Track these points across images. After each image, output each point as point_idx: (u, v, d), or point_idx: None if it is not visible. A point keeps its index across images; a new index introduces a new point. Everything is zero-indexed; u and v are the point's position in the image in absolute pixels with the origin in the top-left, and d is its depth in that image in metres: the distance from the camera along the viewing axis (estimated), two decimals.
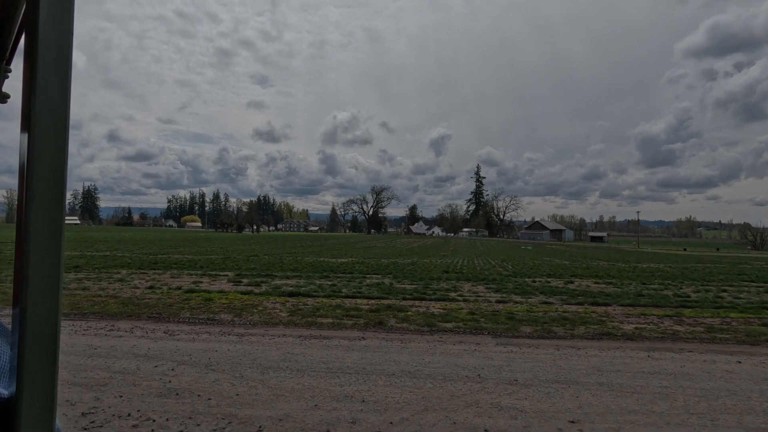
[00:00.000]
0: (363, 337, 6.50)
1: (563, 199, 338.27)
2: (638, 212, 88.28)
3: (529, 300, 11.00)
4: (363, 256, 28.08)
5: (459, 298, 10.94)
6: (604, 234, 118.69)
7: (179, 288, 11.29)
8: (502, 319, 8.24)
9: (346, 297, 10.63)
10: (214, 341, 6.04)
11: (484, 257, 30.79)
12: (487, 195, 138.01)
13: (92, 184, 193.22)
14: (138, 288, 11.22)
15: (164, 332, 6.51)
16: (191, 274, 14.70)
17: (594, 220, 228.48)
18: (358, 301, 10.16)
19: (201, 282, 12.77)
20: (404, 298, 10.63)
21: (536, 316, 8.64)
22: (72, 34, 0.35)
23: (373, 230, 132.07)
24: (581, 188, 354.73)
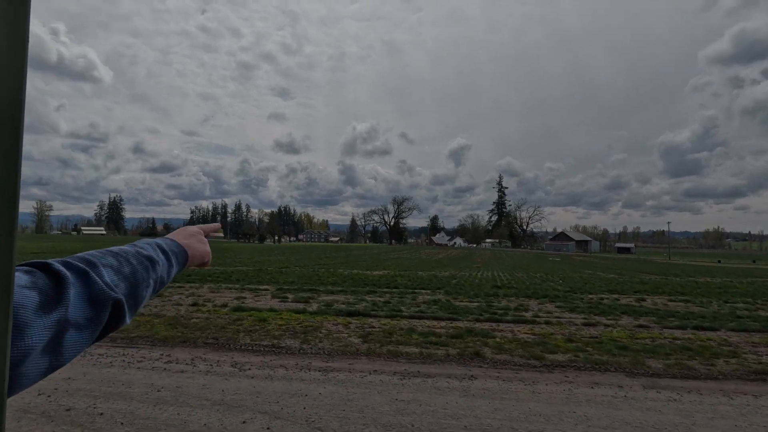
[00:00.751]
0: (472, 375, 5.31)
1: (585, 210, 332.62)
2: (669, 223, 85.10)
3: (619, 322, 9.66)
4: (396, 268, 26.91)
5: (537, 319, 9.66)
6: (631, 245, 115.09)
7: (225, 305, 10.29)
8: (613, 349, 6.96)
9: (411, 317, 9.47)
10: (296, 379, 4.94)
11: (520, 270, 29.27)
12: (510, 205, 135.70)
13: (118, 195, 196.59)
14: (181, 305, 10.25)
15: (231, 365, 5.43)
16: (230, 288, 13.74)
17: (618, 231, 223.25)
18: (427, 322, 8.98)
19: (244, 298, 11.77)
20: (477, 320, 9.42)
21: (648, 345, 7.33)
22: (27, 36, 0.31)
23: (393, 241, 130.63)
24: (603, 198, 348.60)
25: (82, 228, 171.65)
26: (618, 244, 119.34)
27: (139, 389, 4.41)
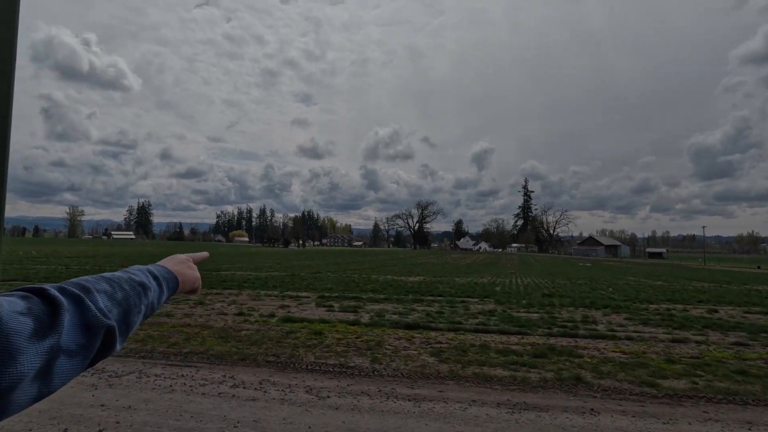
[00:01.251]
0: (591, 409, 4.47)
1: (612, 213, 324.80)
2: (704, 227, 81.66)
3: (709, 338, 8.63)
4: (429, 274, 26.05)
5: (616, 334, 8.70)
6: (663, 250, 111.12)
7: (272, 315, 9.66)
8: (730, 374, 6.00)
9: (476, 331, 8.65)
10: (387, 412, 4.19)
11: (559, 276, 27.97)
12: (536, 209, 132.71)
13: (146, 200, 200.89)
14: (226, 314, 9.68)
15: (306, 390, 4.73)
16: (270, 296, 13.16)
17: (646, 235, 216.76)
18: (496, 337, 8.15)
19: (288, 306, 11.14)
20: (549, 335, 8.54)
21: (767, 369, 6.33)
22: (15, 38, 0.31)
23: (417, 245, 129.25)
24: (631, 202, 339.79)
25: (113, 232, 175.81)
26: (649, 249, 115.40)
27: (212, 424, 3.74)
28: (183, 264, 0.81)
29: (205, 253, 0.93)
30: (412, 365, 5.92)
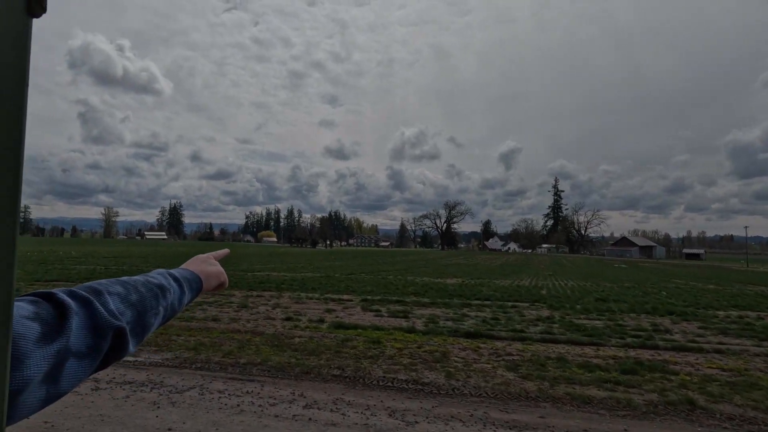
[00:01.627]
0: None
1: (644, 213, 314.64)
2: (746, 227, 77.75)
3: None
4: (466, 275, 25.28)
5: (701, 346, 7.84)
6: (701, 251, 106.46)
7: (321, 320, 9.20)
8: None
9: (543, 341, 7.96)
10: None
11: (596, 278, 26.70)
12: (566, 209, 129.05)
13: (178, 201, 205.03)
14: (273, 319, 9.27)
15: (388, 413, 4.19)
16: (311, 298, 12.75)
17: (680, 236, 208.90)
18: (569, 348, 7.45)
19: (334, 310, 10.68)
20: (626, 345, 7.78)
21: None
22: (29, 41, 0.32)
23: (445, 246, 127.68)
24: (664, 201, 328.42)
25: (146, 233, 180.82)
26: (686, 250, 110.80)
27: None
28: (204, 263, 0.83)
29: (226, 250, 0.95)
30: (493, 382, 5.31)
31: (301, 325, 8.69)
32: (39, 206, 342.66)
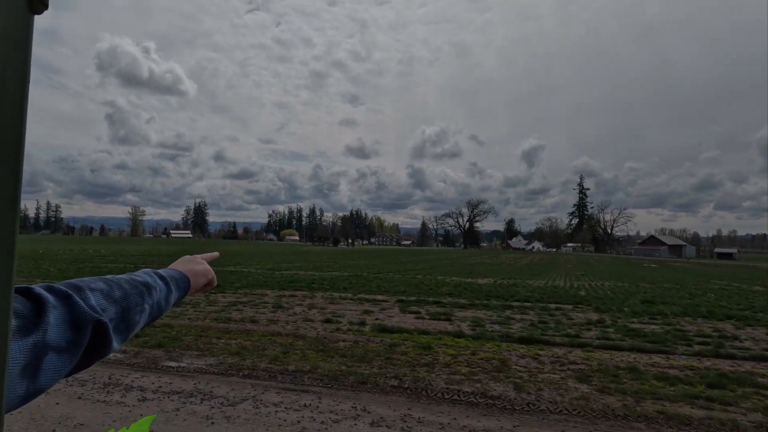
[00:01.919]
0: None
1: (671, 212, 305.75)
2: None
3: None
4: (495, 275, 24.62)
5: None
6: (734, 250, 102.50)
7: (362, 323, 8.80)
8: None
9: (603, 348, 7.37)
10: None
11: (632, 279, 25.64)
12: (592, 208, 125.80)
13: (202, 200, 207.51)
14: (312, 321, 8.92)
15: None
16: (345, 299, 12.38)
17: (710, 234, 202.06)
18: (636, 356, 6.85)
19: (372, 312, 10.28)
20: (699, 354, 7.13)
21: None
22: (31, 38, 0.32)
23: (467, 245, 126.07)
24: (692, 200, 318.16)
25: (171, 231, 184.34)
26: (717, 249, 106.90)
27: None
28: (191, 262, 0.83)
29: (216, 254, 0.95)
30: (570, 396, 4.79)
31: (343, 327, 8.30)
32: (69, 206, 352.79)
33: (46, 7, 0.32)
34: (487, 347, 7.06)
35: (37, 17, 0.32)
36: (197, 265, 0.82)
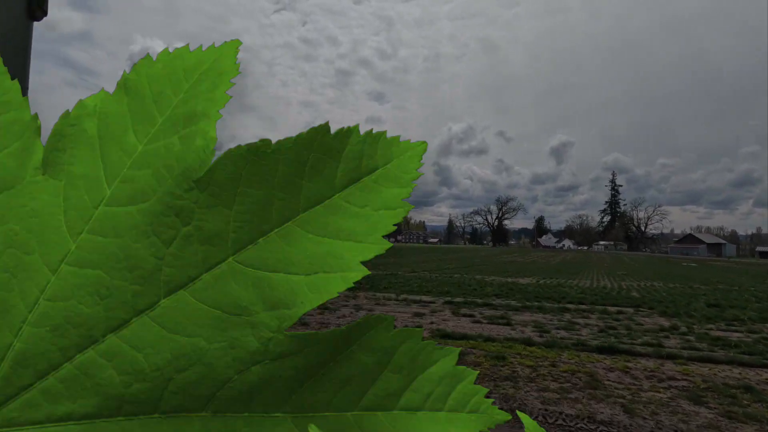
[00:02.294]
0: None
1: (707, 209, 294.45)
2: None
3: None
4: (533, 274, 23.75)
5: None
6: None
7: (418, 326, 8.25)
8: None
9: (700, 360, 6.60)
10: None
11: (679, 279, 24.27)
12: (624, 205, 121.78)
13: None
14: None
15: None
16: (389, 299, 11.86)
17: (749, 232, 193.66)
18: (740, 371, 6.07)
19: (422, 314, 9.74)
20: None
21: None
22: (30, 37, 0.33)
23: (496, 242, 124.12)
24: (729, 196, 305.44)
25: None
26: (760, 248, 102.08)
27: None
28: None
29: None
30: (695, 424, 4.10)
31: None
32: None
33: (45, 14, 0.31)
34: (565, 357, 6.40)
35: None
36: None
